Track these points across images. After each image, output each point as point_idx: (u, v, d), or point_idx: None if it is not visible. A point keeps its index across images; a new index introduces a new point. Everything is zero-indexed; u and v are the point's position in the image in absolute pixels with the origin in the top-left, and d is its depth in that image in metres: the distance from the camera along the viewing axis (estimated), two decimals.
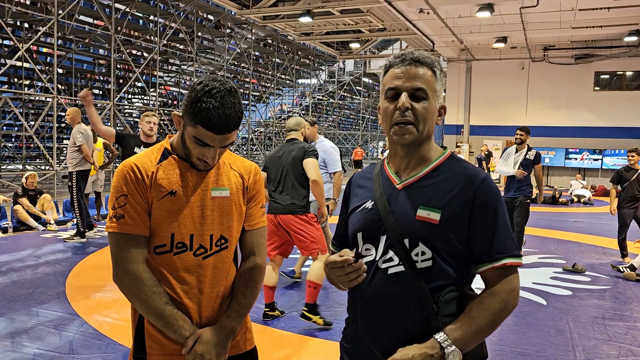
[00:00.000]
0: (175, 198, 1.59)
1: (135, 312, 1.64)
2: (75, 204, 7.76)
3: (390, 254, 1.40)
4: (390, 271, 1.39)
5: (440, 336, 1.30)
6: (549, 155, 20.81)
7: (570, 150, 20.41)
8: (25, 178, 8.88)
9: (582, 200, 15.12)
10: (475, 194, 1.37)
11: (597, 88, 20.36)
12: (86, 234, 7.94)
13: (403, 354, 1.31)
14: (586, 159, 20.26)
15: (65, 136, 21.30)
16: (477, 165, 19.22)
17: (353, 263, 1.40)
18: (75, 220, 7.98)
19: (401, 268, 1.38)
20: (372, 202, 1.48)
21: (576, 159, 20.36)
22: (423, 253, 1.37)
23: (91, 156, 7.90)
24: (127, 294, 1.57)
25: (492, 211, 1.37)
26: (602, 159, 19.99)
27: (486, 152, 20.17)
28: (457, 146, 21.66)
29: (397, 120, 1.41)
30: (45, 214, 8.89)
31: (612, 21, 16.13)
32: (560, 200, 14.67)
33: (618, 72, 20.10)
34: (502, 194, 1.48)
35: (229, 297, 1.69)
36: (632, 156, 7.09)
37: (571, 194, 15.81)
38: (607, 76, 20.33)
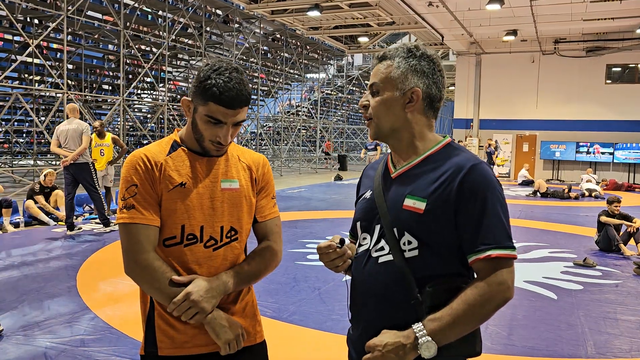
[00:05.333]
0: (185, 189, 1.60)
1: (145, 307, 1.63)
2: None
3: (382, 243, 1.42)
4: (381, 260, 1.41)
5: (417, 326, 1.30)
6: (560, 149, 20.65)
7: (581, 144, 20.24)
8: (44, 175, 8.94)
9: (593, 194, 14.99)
10: (461, 181, 1.33)
11: (608, 81, 20.16)
12: (70, 232, 7.73)
13: (377, 340, 1.32)
14: (596, 152, 20.08)
15: None
16: (486, 159, 19.00)
17: (337, 249, 1.47)
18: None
19: (390, 257, 1.39)
20: (371, 192, 1.52)
21: (595, 153, 20.18)
22: (409, 242, 1.36)
23: (67, 150, 7.50)
24: (141, 284, 1.57)
25: (480, 200, 1.32)
26: (613, 153, 19.80)
27: (495, 146, 20.07)
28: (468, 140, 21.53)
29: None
30: (58, 209, 8.96)
31: (624, 13, 15.94)
32: (570, 194, 14.55)
33: (630, 65, 19.87)
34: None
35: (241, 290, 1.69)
36: None
37: (582, 188, 15.70)
38: (619, 69, 20.12)
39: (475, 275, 1.36)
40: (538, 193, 14.97)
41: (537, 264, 6.50)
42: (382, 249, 1.42)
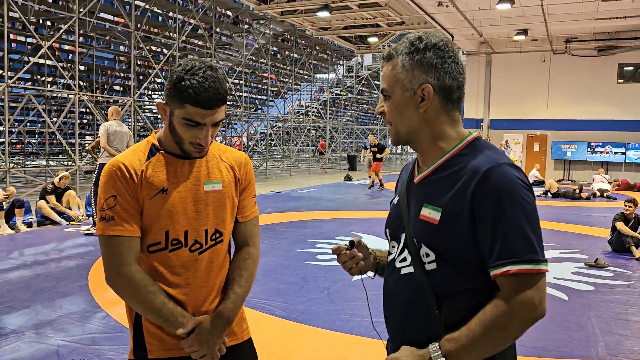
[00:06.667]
0: (167, 195, 1.56)
1: (131, 310, 1.62)
2: (93, 195, 7.92)
3: (405, 253, 1.35)
4: (403, 271, 1.35)
5: (433, 346, 1.22)
6: (571, 149, 20.49)
7: (592, 144, 20.07)
8: (60, 178, 9.04)
9: (604, 194, 14.85)
10: (476, 187, 1.20)
11: (620, 80, 19.97)
12: None
13: (393, 357, 1.27)
14: (609, 152, 19.91)
15: (87, 132, 21.62)
16: None
17: (345, 251, 1.45)
18: (94, 212, 8.06)
19: (411, 269, 1.32)
20: (397, 198, 1.45)
21: (610, 153, 20.01)
22: (427, 255, 1.28)
23: (115, 151, 7.70)
24: (122, 295, 1.56)
25: (495, 207, 1.18)
26: (625, 153, 19.61)
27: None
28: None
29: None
30: (70, 209, 9.04)
31: (636, 12, 15.78)
32: (582, 194, 14.43)
33: None
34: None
35: (225, 288, 1.69)
36: None
37: (593, 188, 15.56)
38: (631, 68, 19.92)
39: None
40: (549, 193, 14.86)
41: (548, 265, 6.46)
42: (404, 259, 1.35)
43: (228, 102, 2.13)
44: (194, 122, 1.50)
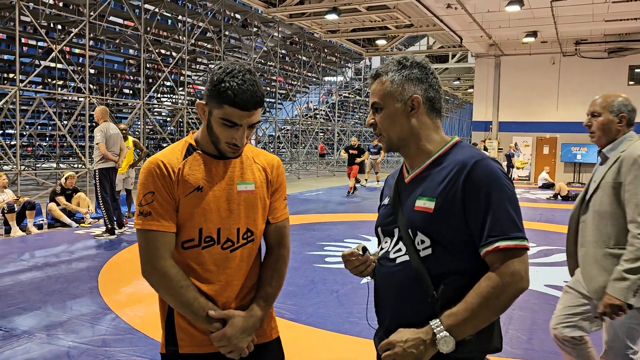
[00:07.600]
0: (202, 193, 1.62)
1: (164, 305, 1.67)
2: (100, 201, 7.67)
3: (400, 244, 1.49)
4: (398, 260, 1.48)
5: (434, 322, 1.36)
6: (581, 151, 20.35)
7: None
8: (65, 178, 9.12)
9: None
10: (466, 178, 1.38)
11: (631, 82, 19.81)
12: (117, 230, 7.96)
13: (398, 336, 1.38)
14: None
15: None
16: (505, 163, 18.64)
17: (359, 257, 1.58)
18: (104, 217, 7.88)
19: (407, 257, 1.45)
20: (389, 199, 1.60)
21: None
22: (423, 242, 1.43)
23: (113, 155, 7.66)
24: (156, 288, 1.62)
25: (485, 195, 1.36)
26: None
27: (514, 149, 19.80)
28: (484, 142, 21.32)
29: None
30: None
31: None
32: None
33: None
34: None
35: (255, 287, 1.73)
36: None
37: None
38: None
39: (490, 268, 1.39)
40: (559, 196, 14.78)
41: (558, 268, 6.42)
42: (399, 250, 1.48)
43: None
44: (231, 123, 1.57)
